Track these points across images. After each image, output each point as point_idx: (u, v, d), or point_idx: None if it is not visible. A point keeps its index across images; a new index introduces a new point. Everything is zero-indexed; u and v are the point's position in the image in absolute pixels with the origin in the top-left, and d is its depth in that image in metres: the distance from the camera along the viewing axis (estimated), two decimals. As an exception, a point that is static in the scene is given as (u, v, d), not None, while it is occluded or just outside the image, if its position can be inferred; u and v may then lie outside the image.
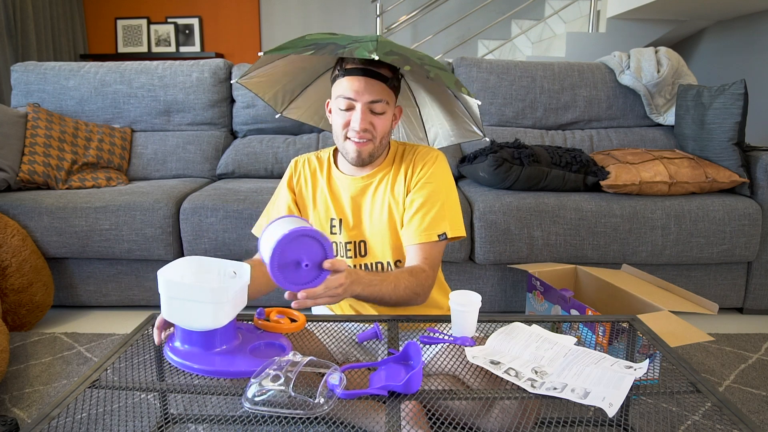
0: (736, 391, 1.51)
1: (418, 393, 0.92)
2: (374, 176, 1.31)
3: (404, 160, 1.32)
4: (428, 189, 1.27)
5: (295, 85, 1.46)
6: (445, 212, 1.27)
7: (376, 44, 1.09)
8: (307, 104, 1.52)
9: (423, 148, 1.34)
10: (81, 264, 2.08)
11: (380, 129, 1.23)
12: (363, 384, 0.97)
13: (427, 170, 1.29)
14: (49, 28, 4.22)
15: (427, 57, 1.20)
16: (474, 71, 2.51)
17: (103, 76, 2.54)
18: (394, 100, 1.26)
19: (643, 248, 1.96)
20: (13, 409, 1.44)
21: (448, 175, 1.32)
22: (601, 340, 1.41)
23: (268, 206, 1.42)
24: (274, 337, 1.10)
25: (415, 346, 0.98)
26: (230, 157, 2.45)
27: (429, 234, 1.25)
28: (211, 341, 1.01)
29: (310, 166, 1.38)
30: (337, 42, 1.14)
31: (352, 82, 1.19)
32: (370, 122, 1.21)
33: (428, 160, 1.30)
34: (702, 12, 3.26)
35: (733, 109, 2.00)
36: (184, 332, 1.02)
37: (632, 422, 1.28)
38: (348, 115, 1.22)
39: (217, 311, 0.98)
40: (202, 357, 1.00)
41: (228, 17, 4.82)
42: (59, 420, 0.87)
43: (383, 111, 1.22)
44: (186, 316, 1.00)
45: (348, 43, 1.11)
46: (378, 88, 1.19)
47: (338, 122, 1.24)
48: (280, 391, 0.86)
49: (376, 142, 1.24)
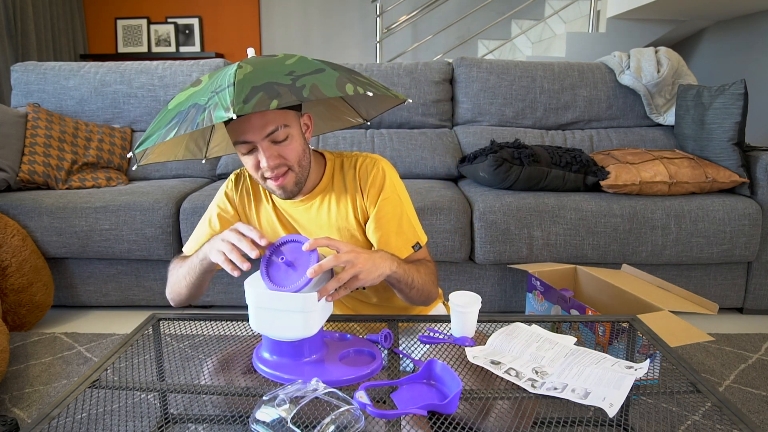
0: (736, 391, 1.51)
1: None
2: (314, 197, 1.22)
3: (345, 174, 1.22)
4: (388, 204, 1.19)
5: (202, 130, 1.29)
6: (410, 222, 1.22)
7: (233, 90, 0.93)
8: (225, 138, 1.35)
9: (362, 157, 1.23)
10: (81, 264, 2.08)
11: (292, 155, 1.10)
12: (379, 404, 0.94)
13: (376, 186, 1.19)
14: (49, 28, 4.22)
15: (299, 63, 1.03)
16: (474, 71, 2.51)
17: (103, 76, 2.54)
18: (294, 115, 1.11)
19: (643, 248, 1.96)
20: (13, 409, 1.44)
21: (398, 181, 1.23)
22: (601, 340, 1.41)
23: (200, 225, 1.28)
24: (363, 345, 1.09)
25: (442, 366, 0.95)
26: (230, 157, 2.45)
27: (405, 248, 1.20)
28: (300, 351, 1.01)
29: (252, 182, 1.26)
30: (197, 101, 0.98)
31: (239, 124, 1.06)
32: (278, 154, 1.08)
33: (373, 174, 1.19)
34: (702, 12, 3.26)
35: (733, 109, 2.00)
36: (273, 343, 1.02)
37: (632, 422, 1.28)
38: (254, 157, 1.09)
39: (307, 320, 0.97)
40: (293, 367, 1.00)
41: (228, 17, 4.82)
42: (59, 420, 0.87)
43: (286, 136, 1.08)
44: (276, 326, 0.99)
45: (207, 99, 0.96)
46: (269, 117, 1.05)
47: (248, 166, 1.12)
48: (279, 421, 0.84)
49: (295, 169, 1.11)
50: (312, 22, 4.87)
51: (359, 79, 1.06)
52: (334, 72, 1.02)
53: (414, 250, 1.20)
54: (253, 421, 0.86)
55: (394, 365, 1.03)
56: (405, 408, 0.88)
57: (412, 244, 1.20)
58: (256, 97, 0.92)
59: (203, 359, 1.60)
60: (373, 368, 1.02)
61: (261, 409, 0.87)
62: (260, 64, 1.01)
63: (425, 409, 0.88)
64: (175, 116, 1.00)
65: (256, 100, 0.91)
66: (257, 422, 0.86)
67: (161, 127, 1.01)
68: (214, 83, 1.00)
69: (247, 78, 0.96)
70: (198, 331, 1.24)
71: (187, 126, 0.94)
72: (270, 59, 1.04)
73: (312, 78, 0.98)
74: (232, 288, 2.08)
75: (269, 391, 0.90)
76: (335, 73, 1.02)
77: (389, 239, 1.19)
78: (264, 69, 1.00)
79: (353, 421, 0.84)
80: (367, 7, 4.71)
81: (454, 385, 0.90)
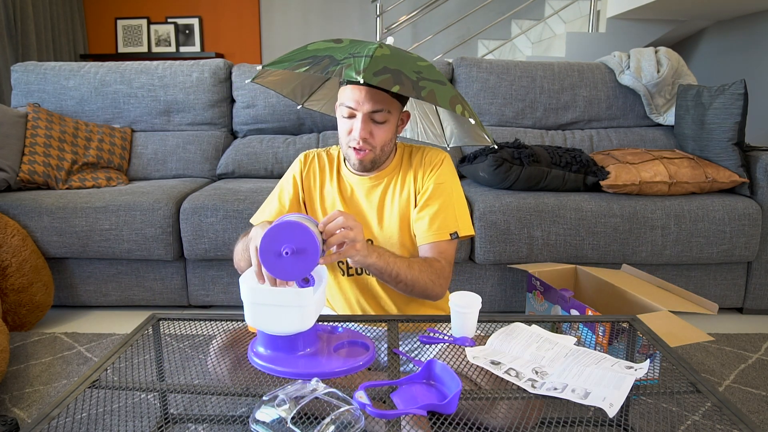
0: (736, 391, 1.51)
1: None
2: (382, 178, 1.32)
3: (412, 162, 1.33)
4: (438, 190, 1.29)
5: (314, 80, 1.47)
6: (455, 212, 1.29)
7: (369, 61, 1.06)
8: (327, 97, 1.54)
9: (430, 150, 1.35)
10: (81, 264, 2.08)
11: (380, 139, 1.23)
12: (379, 404, 0.94)
13: (435, 172, 1.30)
14: (49, 28, 4.22)
15: (427, 68, 1.17)
16: (474, 71, 2.51)
17: (103, 76, 2.54)
18: (398, 107, 1.24)
19: (643, 248, 1.96)
20: (13, 409, 1.44)
21: (455, 176, 1.34)
22: (601, 340, 1.41)
23: (271, 197, 1.40)
24: (355, 337, 1.11)
25: (441, 366, 0.96)
26: (230, 157, 2.45)
27: (441, 233, 1.27)
28: (295, 344, 1.03)
29: (319, 162, 1.38)
30: (334, 55, 1.12)
31: (353, 91, 1.19)
32: (371, 132, 1.21)
33: (436, 162, 1.32)
34: (702, 12, 3.27)
35: (733, 109, 2.00)
36: (268, 337, 1.03)
37: (632, 422, 1.28)
38: (350, 123, 1.22)
39: (302, 314, 0.99)
40: (288, 360, 1.01)
41: (228, 17, 4.83)
42: (59, 420, 0.87)
43: (384, 120, 1.21)
44: (271, 321, 1.00)
45: (343, 57, 1.09)
46: (379, 97, 1.18)
47: (341, 128, 1.25)
48: (279, 421, 0.84)
49: (376, 152, 1.24)
50: (312, 22, 4.87)
51: (468, 106, 1.17)
52: (452, 90, 1.15)
53: (451, 237, 1.27)
54: (253, 421, 0.86)
55: (394, 365, 1.03)
56: (405, 408, 0.88)
57: (451, 231, 1.27)
58: (385, 76, 1.05)
59: (204, 358, 1.60)
60: (367, 359, 1.03)
61: (261, 409, 0.87)
62: (397, 52, 1.16)
63: (425, 409, 0.88)
64: (309, 56, 1.13)
65: (383, 78, 1.05)
66: (257, 422, 0.86)
67: (294, 60, 1.14)
68: (354, 47, 1.14)
69: (383, 57, 1.09)
70: (198, 331, 1.24)
71: (318, 70, 1.07)
72: (406, 53, 1.19)
73: (433, 84, 1.10)
74: (232, 288, 2.09)
75: (269, 391, 0.90)
76: (452, 91, 1.14)
77: (431, 220, 1.27)
78: (399, 57, 1.14)
79: (353, 421, 0.84)
80: (367, 7, 4.71)
81: (453, 385, 0.90)
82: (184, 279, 2.10)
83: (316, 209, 1.36)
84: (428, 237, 1.27)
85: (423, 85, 1.09)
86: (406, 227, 1.32)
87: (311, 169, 1.37)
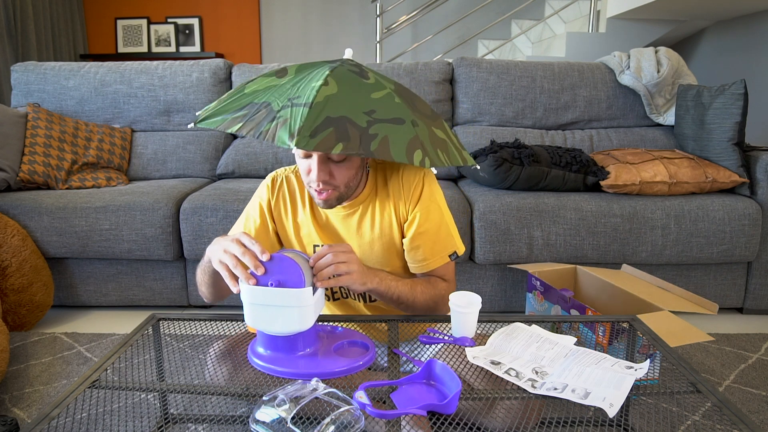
0: (736, 391, 1.51)
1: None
2: (356, 206, 1.23)
3: (390, 185, 1.22)
4: (427, 215, 1.21)
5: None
6: (449, 230, 1.24)
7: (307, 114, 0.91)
8: None
9: (406, 168, 1.23)
10: (81, 264, 2.08)
11: (342, 177, 1.10)
12: (379, 404, 0.94)
13: (417, 196, 1.21)
14: (49, 28, 4.22)
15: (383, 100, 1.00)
16: (474, 71, 2.51)
17: (103, 76, 2.54)
18: None
19: (643, 248, 1.96)
20: (13, 409, 1.44)
21: (439, 191, 1.25)
22: (601, 340, 1.41)
23: (237, 224, 1.30)
24: (355, 336, 1.11)
25: (441, 366, 0.96)
26: (230, 157, 2.45)
27: (441, 257, 1.23)
28: (295, 345, 1.03)
29: (288, 186, 1.26)
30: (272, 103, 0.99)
31: None
32: (330, 173, 1.09)
33: (416, 184, 1.21)
34: (702, 12, 3.26)
35: (733, 109, 2.00)
36: (268, 338, 1.03)
37: (632, 422, 1.28)
38: (307, 163, 1.09)
39: (302, 314, 0.99)
40: (287, 360, 1.01)
41: (228, 17, 4.82)
42: (59, 420, 0.87)
43: (344, 158, 1.08)
44: (271, 321, 1.00)
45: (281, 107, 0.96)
46: None
47: (300, 167, 1.13)
48: (279, 421, 0.84)
49: (341, 189, 1.12)
50: (312, 22, 4.87)
51: (437, 135, 1.05)
52: (412, 129, 1.00)
53: (450, 259, 1.23)
54: (253, 421, 0.86)
55: (394, 365, 1.03)
56: (405, 408, 0.88)
57: (449, 253, 1.23)
58: (324, 133, 0.91)
59: (204, 358, 1.60)
60: (367, 359, 1.03)
61: (261, 409, 0.87)
62: (348, 84, 0.99)
63: (425, 409, 0.88)
64: (246, 105, 1.02)
65: (321, 137, 0.90)
66: (257, 422, 0.86)
67: (230, 110, 1.03)
68: (296, 87, 0.99)
69: (327, 101, 0.94)
70: (198, 331, 1.24)
71: (251, 129, 0.97)
72: (359, 82, 1.01)
73: (387, 128, 0.97)
74: (232, 288, 2.08)
75: (269, 392, 0.90)
76: (412, 130, 0.99)
77: (427, 247, 1.22)
78: (348, 93, 0.97)
79: (353, 421, 0.84)
80: (367, 7, 4.71)
81: (453, 386, 0.90)
82: (184, 279, 2.10)
83: (291, 240, 1.26)
84: (429, 264, 1.22)
85: (374, 132, 0.94)
86: (393, 252, 1.24)
87: (280, 195, 1.26)
